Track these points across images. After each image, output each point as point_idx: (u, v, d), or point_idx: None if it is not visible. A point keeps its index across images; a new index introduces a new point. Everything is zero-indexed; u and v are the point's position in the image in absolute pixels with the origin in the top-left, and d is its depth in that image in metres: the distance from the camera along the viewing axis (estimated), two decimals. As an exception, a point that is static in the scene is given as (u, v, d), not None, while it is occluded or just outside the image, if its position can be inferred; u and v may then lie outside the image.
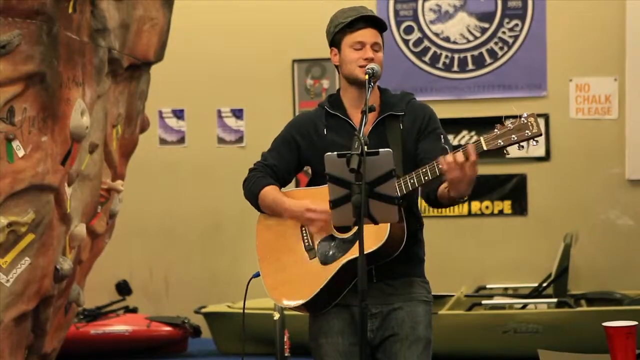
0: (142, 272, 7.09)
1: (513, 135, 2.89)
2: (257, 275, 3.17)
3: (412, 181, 2.92)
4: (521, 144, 2.92)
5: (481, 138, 2.89)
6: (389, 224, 2.92)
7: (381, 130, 3.09)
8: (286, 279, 3.10)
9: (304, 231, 3.10)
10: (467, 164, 2.83)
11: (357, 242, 2.79)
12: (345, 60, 3.10)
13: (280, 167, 3.17)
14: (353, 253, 2.97)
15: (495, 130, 2.90)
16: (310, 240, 3.09)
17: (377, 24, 3.08)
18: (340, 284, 3.03)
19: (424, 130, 3.10)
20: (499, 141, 2.89)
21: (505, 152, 2.93)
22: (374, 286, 3.00)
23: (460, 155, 2.82)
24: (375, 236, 2.94)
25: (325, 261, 3.04)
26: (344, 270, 3.00)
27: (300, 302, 3.07)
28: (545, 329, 5.75)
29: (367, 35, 3.07)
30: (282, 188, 3.19)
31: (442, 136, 3.10)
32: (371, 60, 3.03)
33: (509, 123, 2.90)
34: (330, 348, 3.08)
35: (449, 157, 2.82)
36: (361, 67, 3.03)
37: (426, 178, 2.91)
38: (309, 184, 3.23)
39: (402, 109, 3.11)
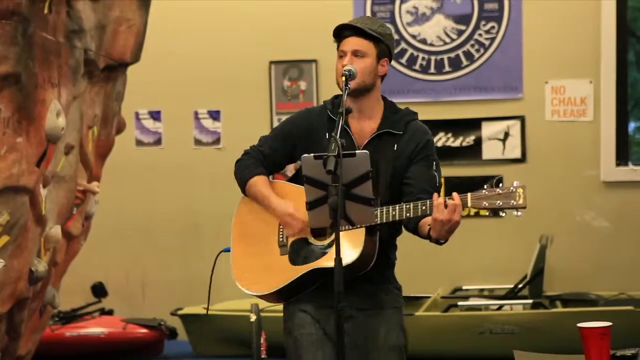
0: (118, 274, 7.06)
1: (499, 201, 2.93)
2: (227, 250, 3.24)
3: (393, 213, 2.95)
4: (504, 211, 2.95)
5: (468, 195, 2.93)
6: (363, 243, 2.96)
7: (376, 145, 3.09)
8: (253, 266, 3.14)
9: (281, 226, 3.13)
10: (455, 209, 2.86)
11: (329, 252, 2.84)
12: (335, 68, 3.14)
13: (273, 157, 3.22)
14: (323, 262, 3.00)
15: (484, 191, 2.93)
16: (285, 237, 3.12)
17: (361, 31, 3.09)
18: (302, 286, 3.08)
19: (417, 155, 3.11)
20: (484, 202, 2.92)
21: (488, 213, 3.05)
22: (351, 288, 2.98)
23: (450, 200, 2.87)
24: (349, 253, 2.95)
25: (295, 262, 3.07)
26: (310, 276, 3.04)
27: (259, 293, 3.12)
28: (521, 330, 5.78)
29: (347, 43, 3.10)
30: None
31: (434, 163, 3.13)
32: (345, 66, 3.06)
33: (498, 188, 2.94)
34: (304, 339, 3.11)
35: (440, 199, 2.87)
36: (340, 76, 3.06)
37: (407, 215, 2.95)
38: (294, 177, 3.24)
39: (400, 128, 3.12)
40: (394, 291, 3.19)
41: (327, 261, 2.97)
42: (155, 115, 7.11)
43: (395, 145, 3.10)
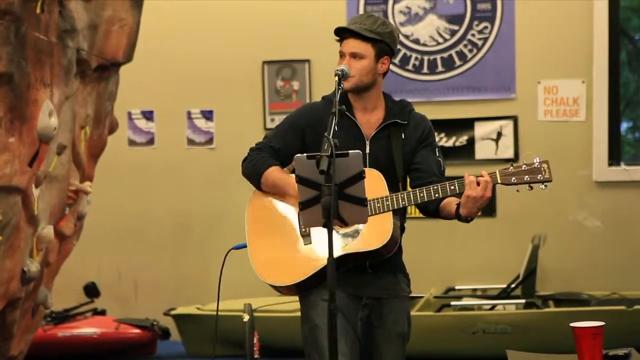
0: (111, 274, 7.04)
1: (527, 176, 3.07)
2: (240, 246, 3.22)
3: (421, 195, 3.08)
4: (531, 185, 3.09)
5: (497, 171, 3.07)
6: (391, 232, 3.06)
7: (385, 136, 3.22)
8: (276, 258, 3.16)
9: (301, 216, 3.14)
10: (487, 186, 3.00)
11: (357, 237, 3.01)
12: None
13: (283, 151, 3.25)
14: (351, 248, 3.08)
15: (511, 168, 3.07)
16: (307, 227, 3.14)
17: (359, 33, 3.17)
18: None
19: (423, 141, 3.25)
20: (513, 178, 3.07)
21: (516, 189, 3.12)
22: (367, 277, 3.17)
23: (481, 178, 3.01)
24: (372, 239, 3.06)
25: (319, 251, 3.10)
26: (340, 262, 3.05)
27: (287, 284, 3.13)
28: (514, 329, 5.78)
29: (346, 45, 3.20)
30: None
31: (437, 149, 3.28)
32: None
33: (523, 164, 3.09)
34: (325, 328, 3.12)
35: (472, 177, 3.01)
36: None
37: (436, 195, 3.08)
38: None
39: (405, 118, 3.25)
40: (403, 280, 3.29)
41: (355, 247, 3.07)
42: (147, 115, 7.11)
43: (403, 134, 3.22)
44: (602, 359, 2.59)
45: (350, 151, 2.77)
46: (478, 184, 2.99)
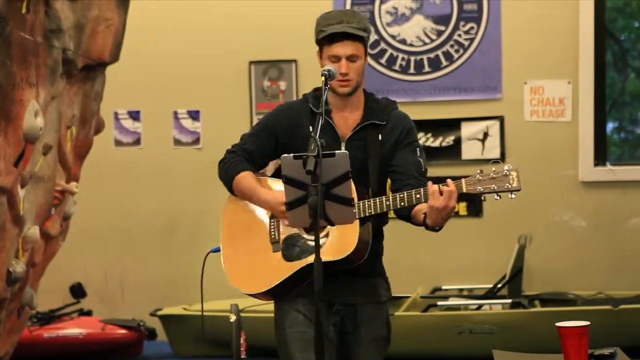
0: (97, 275, 7.02)
1: (493, 185, 2.95)
2: (216, 250, 3.20)
3: (387, 203, 2.99)
4: (499, 194, 2.97)
5: (462, 180, 2.95)
6: (357, 239, 2.98)
7: (361, 137, 3.13)
8: (246, 265, 3.13)
9: (272, 223, 3.12)
10: (451, 196, 2.91)
11: (324, 245, 2.91)
12: None
13: (257, 153, 3.20)
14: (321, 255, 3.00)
15: (478, 176, 2.96)
16: (277, 234, 3.11)
17: (354, 35, 3.08)
18: (298, 282, 3.07)
19: (401, 142, 3.15)
20: (479, 187, 2.95)
21: (482, 198, 3.00)
22: (339, 281, 3.06)
23: (445, 187, 2.90)
24: (339, 247, 2.98)
25: (290, 257, 3.07)
26: (306, 270, 3.02)
27: (255, 292, 3.11)
28: (500, 329, 5.80)
29: (342, 48, 3.08)
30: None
31: (417, 149, 3.18)
32: (345, 75, 3.06)
33: (491, 171, 2.96)
34: (297, 337, 3.11)
35: (435, 186, 2.90)
36: (338, 81, 3.06)
37: (402, 204, 2.99)
38: (276, 172, 3.23)
39: (384, 118, 3.15)
40: (382, 284, 3.21)
41: (323, 255, 2.96)
42: (134, 115, 7.09)
43: (380, 135, 3.13)
44: (587, 359, 2.59)
45: (337, 151, 2.77)
46: (441, 193, 2.89)
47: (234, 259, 3.15)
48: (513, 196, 2.96)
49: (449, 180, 2.93)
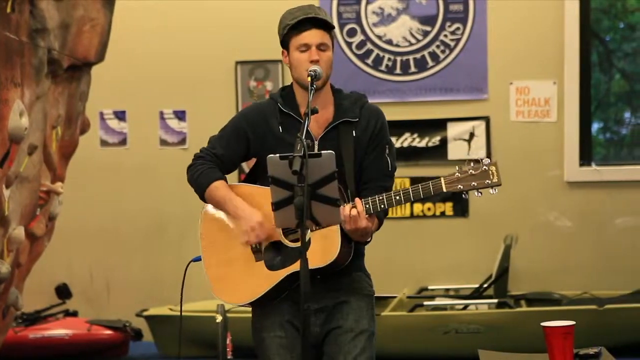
0: (83, 275, 7.00)
1: (473, 182, 2.93)
2: (197, 259, 3.15)
3: (397, 198, 2.95)
4: (480, 190, 2.95)
5: (441, 179, 2.93)
6: (339, 246, 2.96)
7: (334, 136, 3.08)
8: (229, 275, 3.08)
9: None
10: (357, 217, 2.90)
11: (306, 252, 2.82)
12: (293, 63, 3.09)
13: (227, 156, 3.14)
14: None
15: (457, 173, 2.93)
16: (258, 242, 3.07)
17: (323, 23, 3.06)
18: (282, 290, 3.04)
19: (373, 141, 3.10)
20: (459, 185, 2.93)
21: (464, 195, 2.97)
22: (317, 284, 3.00)
23: (352, 209, 2.90)
24: (321, 254, 2.96)
25: (272, 267, 3.03)
26: (290, 278, 3.00)
27: (239, 303, 3.09)
28: (486, 329, 5.81)
29: (312, 36, 3.05)
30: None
31: (387, 147, 3.12)
32: (316, 61, 3.02)
33: (470, 168, 2.93)
34: (273, 342, 3.09)
35: (346, 210, 2.90)
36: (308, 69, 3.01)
37: (415, 197, 2.96)
38: (250, 174, 3.20)
39: (356, 114, 3.10)
40: (364, 279, 3.17)
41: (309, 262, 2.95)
42: (120, 115, 7.07)
43: (354, 132, 3.08)
44: (572, 358, 2.60)
45: (323, 151, 2.76)
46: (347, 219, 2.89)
47: (216, 269, 3.10)
48: (494, 191, 2.95)
49: (357, 200, 2.94)
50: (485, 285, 6.25)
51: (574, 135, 6.73)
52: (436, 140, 6.83)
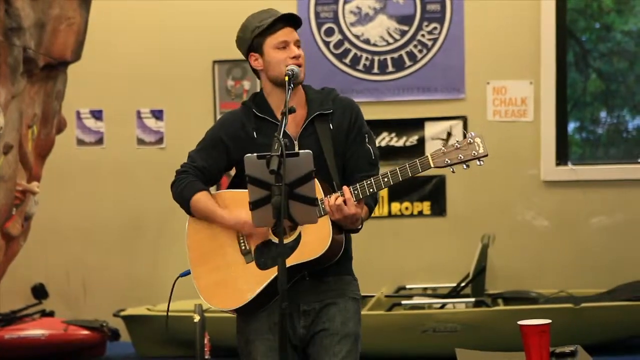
0: (59, 275, 6.96)
1: (460, 155, 2.94)
2: (185, 274, 3.14)
3: (385, 180, 2.96)
4: (467, 163, 2.96)
5: (428, 155, 2.94)
6: (330, 236, 2.97)
7: (312, 132, 3.10)
8: (221, 281, 3.07)
9: (240, 234, 3.08)
10: (346, 205, 2.92)
11: (297, 248, 2.87)
12: (271, 63, 3.09)
13: (209, 168, 3.15)
14: (294, 259, 2.97)
15: (442, 148, 2.95)
16: (246, 244, 3.07)
17: (294, 21, 3.10)
18: (273, 294, 3.01)
19: (352, 130, 3.12)
20: (446, 159, 2.94)
21: (451, 170, 2.98)
22: (306, 284, 3.04)
23: (337, 198, 2.92)
24: (313, 246, 2.96)
25: (264, 266, 3.03)
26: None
27: (235, 307, 3.06)
28: (464, 328, 5.83)
29: (288, 33, 3.08)
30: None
31: (366, 136, 3.14)
32: (298, 57, 3.06)
33: (455, 142, 2.95)
34: (262, 345, 3.08)
35: (332, 200, 2.92)
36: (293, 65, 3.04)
37: (403, 177, 2.97)
38: (232, 183, 3.20)
39: (330, 106, 3.13)
40: (352, 282, 3.18)
41: (298, 258, 2.96)
42: (96, 115, 7.04)
43: (331, 124, 3.11)
44: (549, 357, 2.62)
45: (301, 151, 2.76)
46: (337, 208, 2.91)
47: (206, 277, 3.08)
48: (480, 163, 2.96)
49: (344, 187, 2.96)
50: (462, 284, 6.27)
51: (551, 134, 6.77)
52: (414, 139, 6.84)
